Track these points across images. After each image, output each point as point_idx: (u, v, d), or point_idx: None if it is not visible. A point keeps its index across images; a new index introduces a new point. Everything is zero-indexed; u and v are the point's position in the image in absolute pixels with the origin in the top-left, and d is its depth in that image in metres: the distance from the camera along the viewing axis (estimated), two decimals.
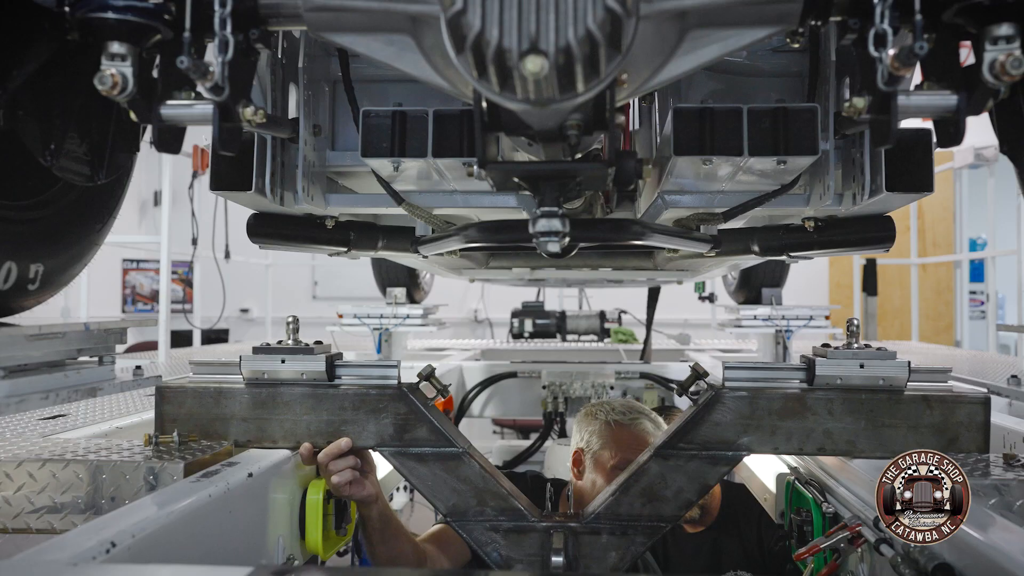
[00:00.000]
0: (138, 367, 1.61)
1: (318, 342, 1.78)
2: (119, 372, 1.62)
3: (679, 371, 3.78)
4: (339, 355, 1.77)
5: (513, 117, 1.08)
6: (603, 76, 0.86)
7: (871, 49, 1.02)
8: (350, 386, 1.72)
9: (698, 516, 2.65)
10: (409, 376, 1.81)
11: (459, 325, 9.01)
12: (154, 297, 8.55)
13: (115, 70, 1.06)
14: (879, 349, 1.67)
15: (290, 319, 1.76)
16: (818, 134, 1.49)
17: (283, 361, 1.71)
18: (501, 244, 2.10)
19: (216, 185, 1.70)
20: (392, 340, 4.24)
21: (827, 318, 4.02)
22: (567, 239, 1.20)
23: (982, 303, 8.32)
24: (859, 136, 1.66)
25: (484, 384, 3.81)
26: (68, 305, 8.38)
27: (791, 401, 1.67)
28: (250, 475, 1.50)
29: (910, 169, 1.61)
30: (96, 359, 1.51)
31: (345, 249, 2.05)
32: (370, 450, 1.73)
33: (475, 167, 1.20)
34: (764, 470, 2.21)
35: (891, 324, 7.77)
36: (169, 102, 1.15)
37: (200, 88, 1.09)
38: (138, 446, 1.60)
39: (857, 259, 6.74)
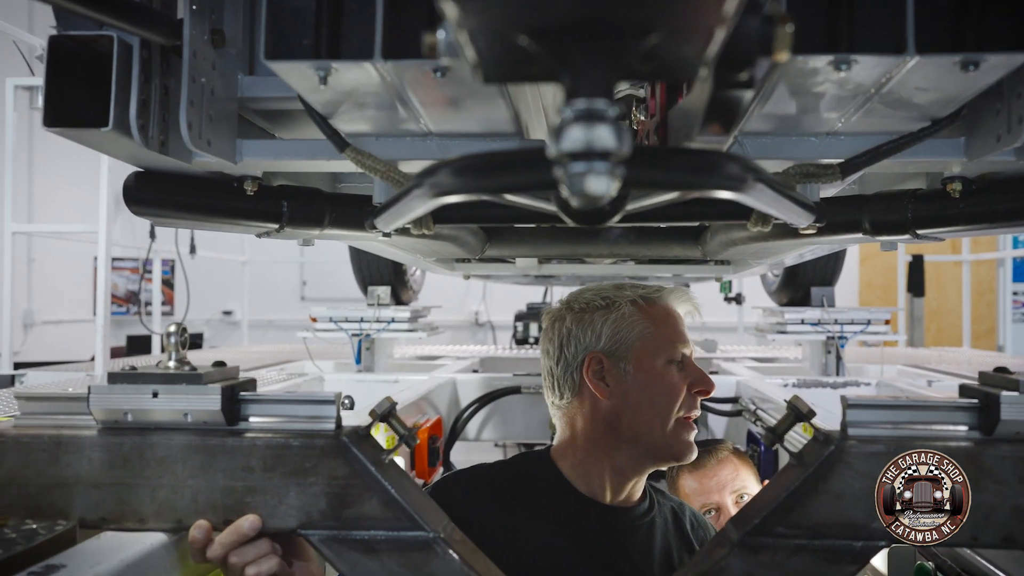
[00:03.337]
0: None
1: (219, 363, 1.16)
2: None
3: (718, 385, 3.14)
4: (247, 384, 1.15)
5: None
6: None
7: None
8: (261, 434, 1.10)
9: None
10: (359, 413, 1.20)
11: (458, 328, 8.41)
12: (129, 299, 7.90)
13: None
14: None
15: (172, 327, 1.14)
16: None
17: (155, 395, 1.09)
18: (489, 200, 1.44)
19: (53, 119, 1.10)
20: (375, 348, 3.64)
21: (887, 322, 3.42)
22: (621, 171, 0.59)
23: (1023, 304, 7.68)
24: None
25: (481, 402, 3.18)
26: (32, 308, 7.78)
27: (958, 462, 1.05)
28: None
29: None
30: None
31: (276, 227, 1.44)
32: (294, 535, 1.11)
33: (439, 36, 0.59)
34: None
35: (927, 327, 7.14)
36: None
37: None
38: None
39: (902, 255, 6.09)
